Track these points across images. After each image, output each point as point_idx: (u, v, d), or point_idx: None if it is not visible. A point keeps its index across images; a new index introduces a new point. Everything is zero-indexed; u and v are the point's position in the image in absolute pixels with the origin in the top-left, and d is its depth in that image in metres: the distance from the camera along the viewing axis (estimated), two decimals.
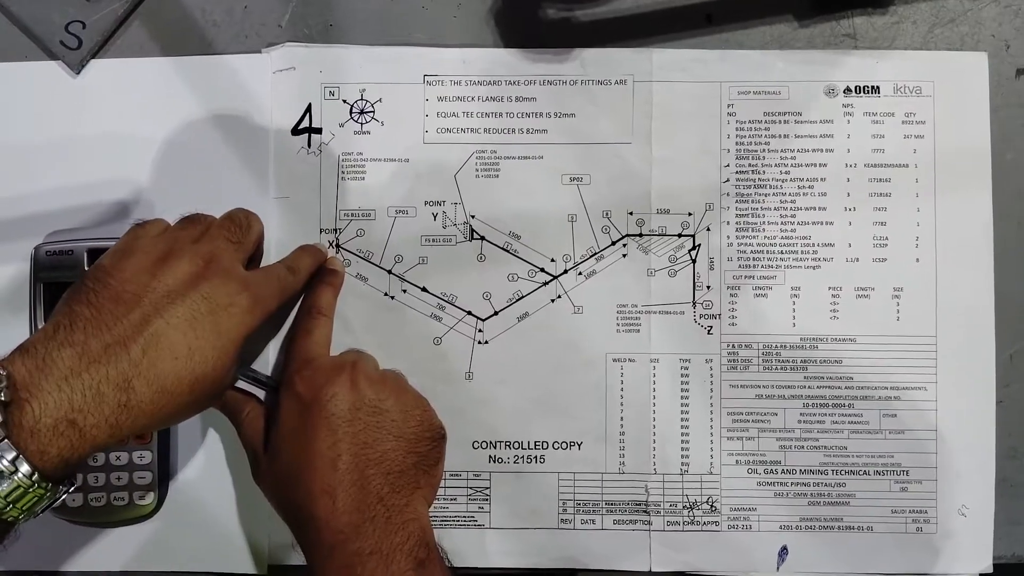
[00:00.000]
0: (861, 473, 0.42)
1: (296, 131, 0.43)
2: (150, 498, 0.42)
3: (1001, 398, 0.42)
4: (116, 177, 0.42)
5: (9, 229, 0.42)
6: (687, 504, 0.42)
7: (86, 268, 0.41)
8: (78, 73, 0.43)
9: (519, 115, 0.43)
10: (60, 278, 0.41)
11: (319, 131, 0.43)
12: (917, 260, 0.42)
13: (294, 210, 0.43)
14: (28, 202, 0.42)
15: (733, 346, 0.42)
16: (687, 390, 0.42)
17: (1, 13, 0.43)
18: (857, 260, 0.42)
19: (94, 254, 0.41)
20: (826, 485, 0.42)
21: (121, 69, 0.43)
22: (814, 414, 0.42)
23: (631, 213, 0.43)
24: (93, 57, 0.43)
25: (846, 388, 0.42)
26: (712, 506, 0.42)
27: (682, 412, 0.42)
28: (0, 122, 0.43)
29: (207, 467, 0.42)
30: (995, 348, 0.42)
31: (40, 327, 0.34)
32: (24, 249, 0.41)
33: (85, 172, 0.42)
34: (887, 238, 0.42)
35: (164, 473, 0.42)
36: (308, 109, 0.43)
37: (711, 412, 0.42)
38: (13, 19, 0.43)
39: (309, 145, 0.43)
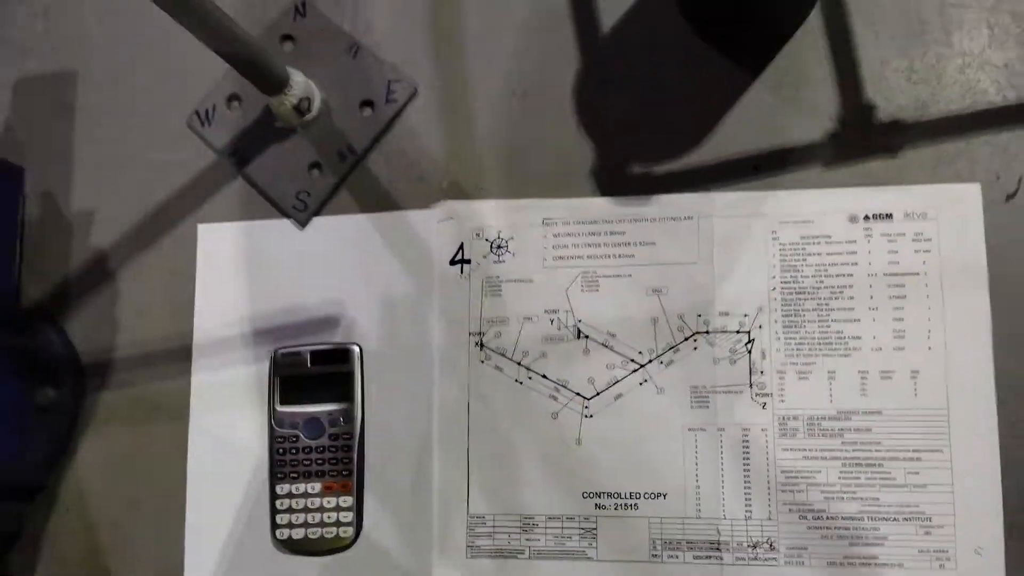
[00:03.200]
0: (892, 520, 0.53)
1: (452, 262, 0.60)
2: (350, 532, 0.58)
3: (1004, 457, 0.52)
4: (329, 299, 0.60)
5: (256, 338, 0.61)
6: (751, 543, 0.54)
7: (310, 366, 0.59)
8: (304, 227, 0.62)
9: (613, 245, 0.58)
10: (291, 373, 0.59)
11: (468, 261, 0.59)
12: (929, 348, 0.54)
13: (451, 319, 0.59)
14: (270, 318, 0.61)
15: (783, 418, 0.55)
16: (747, 453, 0.55)
17: (251, 186, 0.63)
18: (880, 349, 0.54)
19: (316, 356, 0.59)
20: (863, 529, 0.53)
21: (334, 223, 0.61)
22: (851, 472, 0.53)
23: (699, 316, 0.56)
24: (315, 215, 0.62)
25: (875, 451, 0.53)
26: (771, 545, 0.54)
27: (744, 470, 0.55)
28: (251, 261, 0.62)
29: (391, 505, 0.58)
30: (997, 416, 0.52)
31: (276, 410, 0.51)
32: (266, 352, 0.60)
33: (308, 296, 0.61)
34: (904, 331, 0.54)
35: (360, 512, 0.58)
36: (461, 246, 0.60)
37: (768, 470, 0.54)
38: (259, 190, 0.63)
39: (462, 272, 0.59)
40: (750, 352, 0.55)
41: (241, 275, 0.62)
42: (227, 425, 0.60)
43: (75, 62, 0.66)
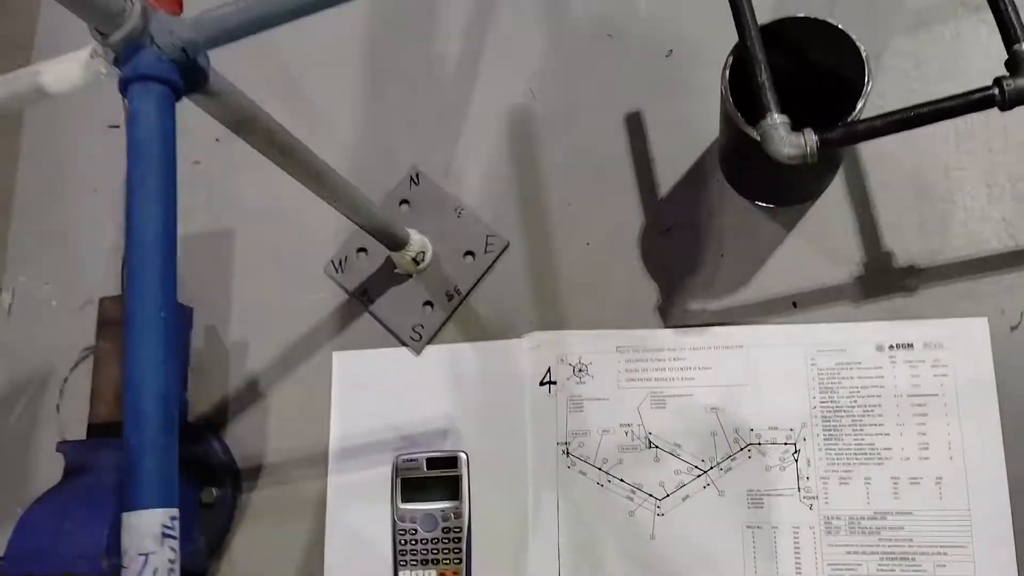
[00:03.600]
0: None
1: (541, 383, 0.72)
2: None
3: (1019, 549, 0.61)
4: (440, 414, 0.73)
5: (381, 446, 0.74)
6: None
7: (425, 470, 0.71)
8: (419, 354, 0.75)
9: (676, 369, 0.70)
10: (410, 475, 0.71)
11: (555, 383, 0.72)
12: (950, 458, 0.63)
13: (541, 431, 0.71)
14: (392, 430, 0.74)
15: (828, 518, 0.65)
16: (798, 548, 0.65)
17: (376, 320, 0.77)
18: (908, 458, 0.64)
19: (430, 461, 0.71)
20: None
21: (444, 351, 0.75)
22: (887, 565, 0.63)
23: (751, 429, 0.67)
24: (428, 344, 0.75)
25: (908, 547, 0.63)
26: None
27: (796, 563, 0.64)
28: (376, 382, 0.75)
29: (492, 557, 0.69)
30: (1011, 514, 0.61)
31: (398, 507, 0.63)
32: (389, 458, 0.72)
33: (422, 411, 0.74)
34: (928, 443, 0.64)
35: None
36: (548, 370, 0.72)
37: (816, 563, 0.64)
38: (383, 323, 0.77)
39: (549, 391, 0.72)
40: (796, 461, 0.66)
41: (368, 393, 0.75)
42: (358, 520, 0.72)
43: (232, 222, 0.82)
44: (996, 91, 0.52)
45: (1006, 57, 0.53)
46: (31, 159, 0.89)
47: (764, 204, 0.72)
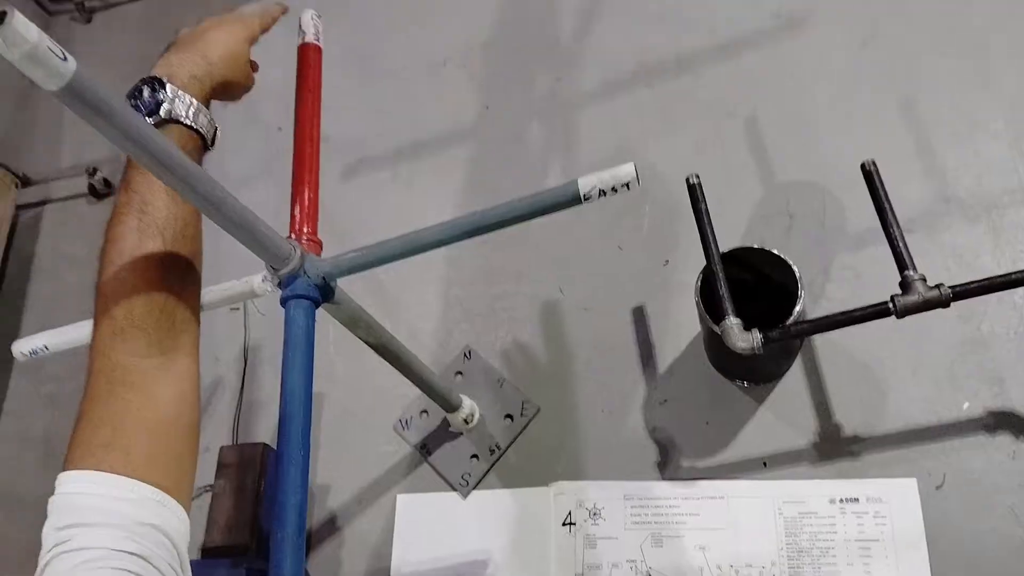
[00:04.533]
0: None
1: (563, 524, 0.90)
2: None
3: None
4: (481, 548, 0.91)
5: (436, 573, 0.91)
6: None
7: None
8: (465, 498, 0.94)
9: (671, 514, 0.87)
10: None
11: (574, 523, 0.89)
12: None
13: (563, 563, 0.88)
14: (444, 559, 0.91)
15: None
16: None
17: (432, 468, 0.97)
18: None
19: None
20: None
21: (486, 495, 0.93)
22: None
23: (731, 566, 0.83)
24: (473, 489, 0.94)
25: None
26: None
27: None
28: (432, 519, 0.94)
29: None
30: None
31: None
32: None
33: (467, 545, 0.91)
34: None
35: None
36: (569, 513, 0.90)
37: None
38: (437, 471, 0.96)
39: (570, 531, 0.89)
40: None
41: (424, 529, 0.93)
42: None
43: (323, 388, 1.04)
44: (891, 304, 0.73)
45: (899, 279, 0.74)
46: None
47: (739, 383, 0.91)
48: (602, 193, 0.61)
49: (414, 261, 0.67)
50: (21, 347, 0.79)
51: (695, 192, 0.83)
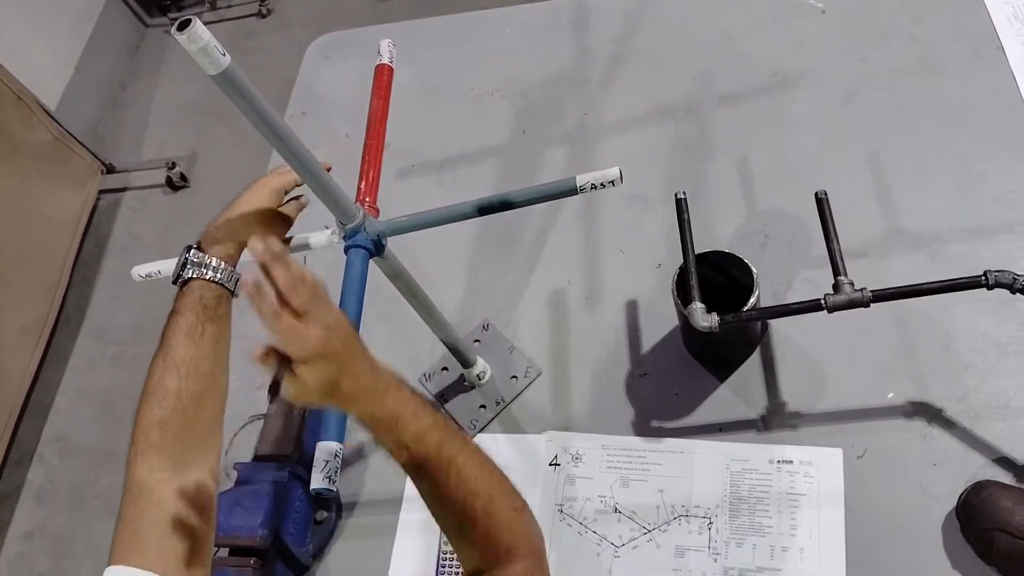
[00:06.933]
0: None
1: (550, 464, 1.08)
2: None
3: None
4: None
5: None
6: None
7: None
8: (472, 439, 1.13)
9: (639, 462, 1.05)
10: None
11: (559, 464, 1.08)
12: (810, 537, 0.95)
13: (547, 496, 1.06)
14: None
15: (726, 568, 0.96)
16: None
17: (444, 411, 1.16)
18: (782, 534, 0.96)
19: None
20: None
21: (489, 438, 1.12)
22: None
23: (683, 506, 1.01)
24: (479, 432, 1.13)
25: None
26: None
27: None
28: None
29: None
30: (845, 571, 0.92)
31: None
32: None
33: None
34: (796, 526, 0.96)
35: None
36: (556, 456, 1.08)
37: None
38: (450, 414, 1.16)
39: (555, 471, 1.07)
40: (710, 529, 0.99)
41: None
42: (417, 547, 1.07)
43: None
44: (823, 301, 0.92)
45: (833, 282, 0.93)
46: None
47: (707, 364, 1.10)
48: (593, 187, 0.83)
49: (448, 249, 0.88)
50: (140, 270, 1.01)
51: (681, 205, 1.04)
